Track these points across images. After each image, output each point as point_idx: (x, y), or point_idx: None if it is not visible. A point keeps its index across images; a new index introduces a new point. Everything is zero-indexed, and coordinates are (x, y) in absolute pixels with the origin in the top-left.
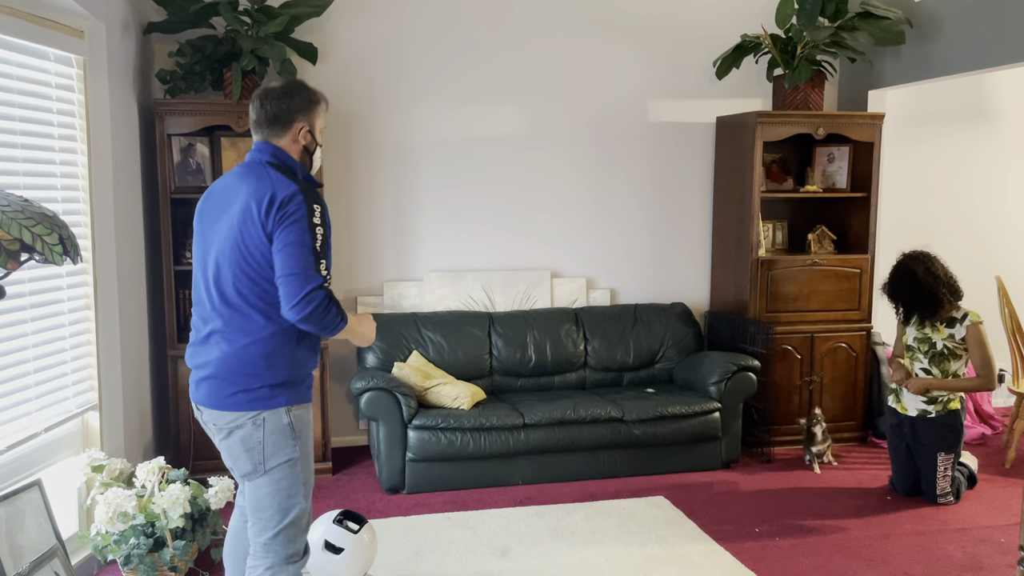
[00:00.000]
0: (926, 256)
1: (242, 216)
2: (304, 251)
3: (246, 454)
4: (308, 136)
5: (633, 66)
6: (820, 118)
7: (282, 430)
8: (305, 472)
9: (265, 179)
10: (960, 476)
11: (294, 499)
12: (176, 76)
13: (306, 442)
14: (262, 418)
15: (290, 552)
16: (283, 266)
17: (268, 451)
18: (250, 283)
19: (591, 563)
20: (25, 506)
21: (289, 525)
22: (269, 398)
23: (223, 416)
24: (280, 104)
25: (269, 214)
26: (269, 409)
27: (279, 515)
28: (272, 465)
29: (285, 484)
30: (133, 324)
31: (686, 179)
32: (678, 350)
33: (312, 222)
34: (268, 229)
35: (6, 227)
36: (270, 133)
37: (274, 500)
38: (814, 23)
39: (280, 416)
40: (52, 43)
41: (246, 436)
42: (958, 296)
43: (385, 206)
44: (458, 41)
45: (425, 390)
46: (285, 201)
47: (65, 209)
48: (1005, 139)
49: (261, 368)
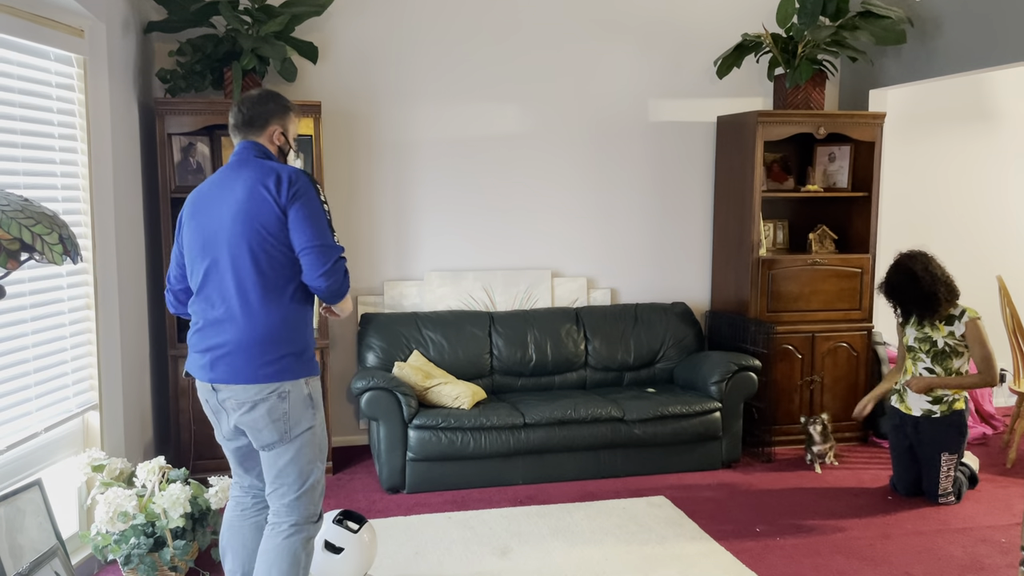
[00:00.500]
0: (923, 255)
1: (250, 198)
2: (322, 224)
3: (272, 424)
4: (282, 138)
5: (634, 65)
6: (821, 117)
7: (303, 400)
8: (322, 440)
9: (265, 165)
10: (962, 476)
11: (313, 463)
12: (176, 75)
13: (320, 411)
14: (286, 390)
15: (312, 512)
16: (307, 237)
17: (292, 421)
18: (268, 259)
19: (591, 563)
20: (25, 506)
21: (310, 488)
22: (293, 369)
23: (247, 390)
24: (256, 108)
25: (280, 189)
26: (292, 380)
27: (301, 479)
28: (296, 434)
29: (306, 451)
30: (133, 324)
31: (687, 178)
32: (679, 350)
33: (320, 199)
34: (282, 203)
35: (6, 226)
36: (248, 132)
37: (296, 466)
38: (815, 22)
39: (301, 387)
40: (52, 42)
41: (272, 407)
42: (955, 295)
43: (386, 205)
44: (459, 40)
45: (425, 390)
46: (293, 179)
47: (65, 208)
48: (1006, 138)
49: (284, 339)
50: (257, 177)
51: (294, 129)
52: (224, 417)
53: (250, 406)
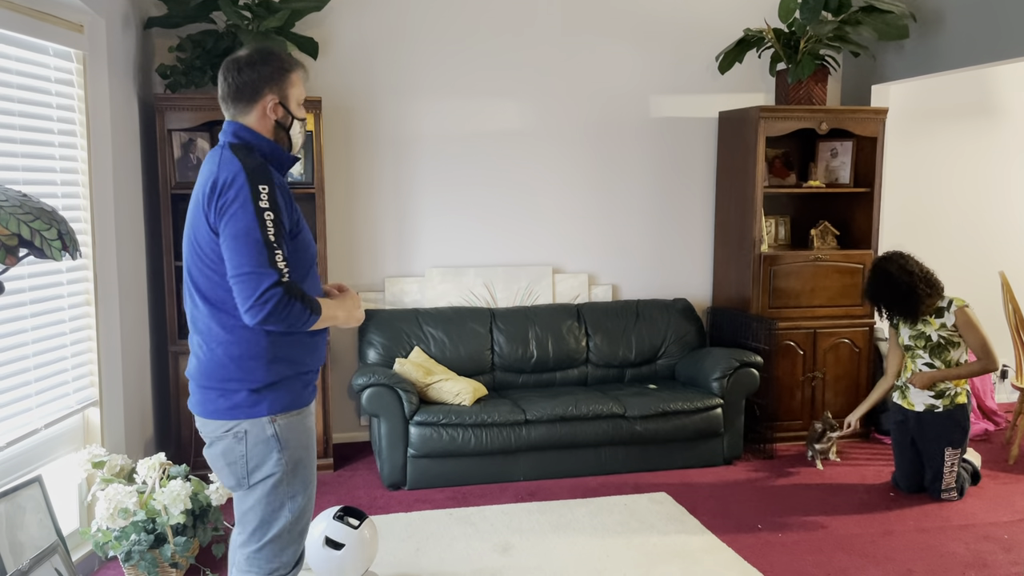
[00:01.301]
0: (898, 255)
1: (193, 208)
2: (252, 243)
3: (227, 468)
4: (280, 109)
5: (635, 61)
6: (823, 113)
7: (265, 442)
8: (298, 481)
9: (215, 163)
10: (964, 472)
11: (279, 512)
12: (176, 71)
13: (298, 449)
14: (243, 430)
15: (274, 567)
16: (232, 265)
17: (251, 465)
18: (207, 281)
19: (593, 559)
20: (25, 502)
21: (273, 539)
22: (250, 406)
23: (207, 424)
24: (243, 76)
25: (211, 203)
26: (250, 419)
27: (263, 529)
28: (255, 480)
29: (270, 499)
30: (133, 320)
31: (688, 174)
32: (680, 346)
33: (259, 206)
34: (211, 221)
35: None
36: (236, 110)
37: (257, 514)
38: (817, 17)
39: (263, 427)
40: (52, 38)
41: (227, 449)
42: (936, 289)
43: (386, 202)
44: (459, 35)
45: (426, 386)
46: (226, 186)
47: (65, 204)
48: (1009, 134)
49: (233, 372)
50: (203, 180)
51: (297, 93)
52: None
53: (208, 443)
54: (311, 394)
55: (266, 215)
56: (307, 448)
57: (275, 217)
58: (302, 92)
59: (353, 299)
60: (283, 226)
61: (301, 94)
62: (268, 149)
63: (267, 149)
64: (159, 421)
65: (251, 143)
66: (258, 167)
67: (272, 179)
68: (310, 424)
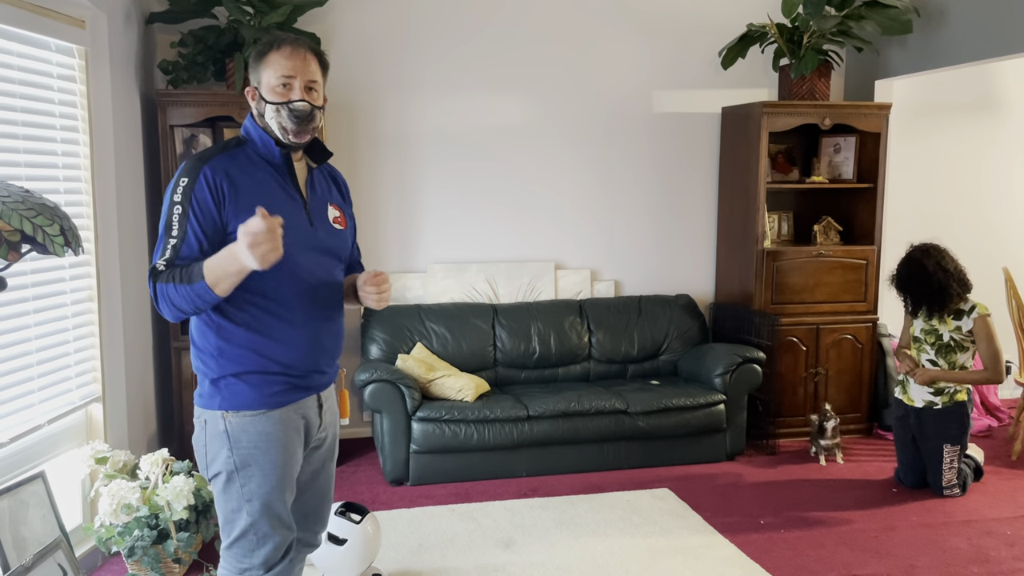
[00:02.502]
0: (936, 249)
1: None
2: (160, 234)
3: (196, 455)
4: (255, 93)
5: (638, 56)
6: (826, 108)
7: (218, 436)
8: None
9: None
10: (966, 468)
11: (239, 513)
12: (178, 67)
13: (249, 451)
14: (203, 419)
15: (244, 566)
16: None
17: (208, 457)
18: None
19: (595, 555)
20: (29, 498)
21: (240, 538)
22: (208, 396)
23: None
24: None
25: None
26: (208, 410)
27: (227, 527)
28: (211, 474)
29: (226, 496)
30: (136, 315)
31: (691, 170)
32: (683, 342)
33: (172, 199)
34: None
35: (7, 218)
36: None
37: (221, 512)
38: (820, 12)
39: (217, 420)
40: (54, 33)
41: (196, 437)
42: (967, 289)
43: (388, 198)
44: (461, 31)
45: (429, 382)
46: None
47: (67, 200)
48: (1013, 129)
49: (196, 362)
50: None
51: (271, 76)
52: None
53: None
54: (285, 397)
55: (175, 209)
56: (264, 451)
57: (183, 211)
58: (279, 70)
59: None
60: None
61: (275, 73)
62: (257, 139)
63: (256, 140)
64: (162, 417)
65: (250, 135)
66: (194, 160)
67: (199, 170)
68: (273, 430)
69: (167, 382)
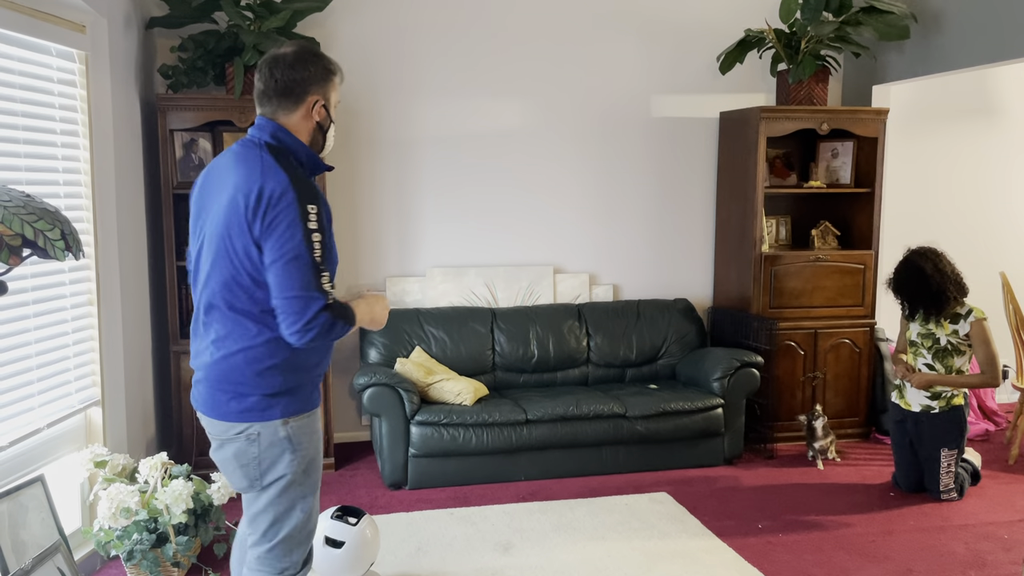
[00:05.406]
0: (934, 253)
1: (229, 210)
2: (301, 267)
3: (240, 470)
4: (323, 112)
5: (636, 61)
6: (824, 113)
7: (279, 444)
8: (310, 481)
9: (256, 166)
10: (963, 472)
11: (291, 512)
12: (178, 71)
13: (309, 450)
14: (256, 432)
15: (284, 566)
16: (280, 286)
17: (264, 467)
18: (238, 287)
19: (594, 559)
20: (28, 502)
21: (285, 539)
22: (263, 409)
23: (216, 425)
24: (293, 73)
25: (256, 214)
26: (263, 421)
27: (275, 529)
28: (268, 481)
29: (282, 499)
30: (136, 319)
31: (689, 174)
32: (681, 346)
33: (307, 228)
34: (256, 234)
35: (8, 222)
36: (279, 107)
37: (270, 515)
38: (818, 18)
39: (275, 430)
40: (54, 38)
41: (239, 451)
42: (964, 293)
43: (387, 201)
44: (460, 35)
45: (428, 386)
46: (274, 199)
47: (67, 204)
48: (1010, 134)
49: (249, 378)
50: (241, 186)
51: (336, 97)
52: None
53: (218, 444)
54: (319, 396)
55: (314, 237)
56: (318, 450)
57: (323, 239)
58: (339, 96)
59: (380, 302)
60: (329, 244)
61: (338, 98)
62: (304, 155)
63: (303, 155)
64: (161, 420)
65: (289, 147)
66: (305, 184)
67: (319, 197)
68: (319, 426)
69: (166, 386)
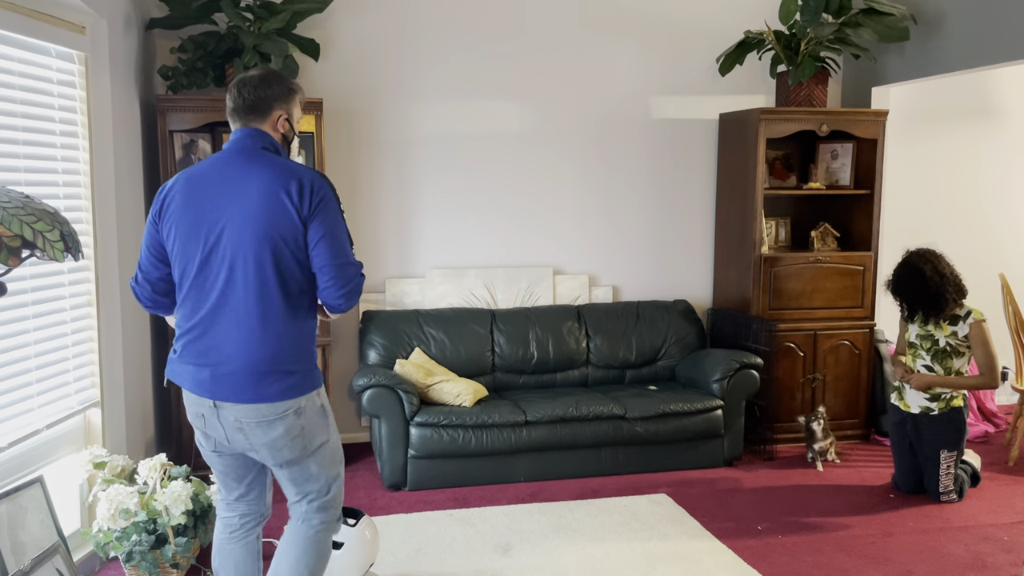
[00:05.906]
0: (933, 254)
1: (268, 204)
2: (343, 239)
3: (292, 443)
4: (286, 124)
5: (636, 62)
6: (824, 115)
7: (318, 412)
8: (337, 445)
9: (282, 165)
10: (963, 474)
11: (336, 468)
12: (178, 72)
13: (332, 418)
14: (301, 406)
15: (338, 513)
16: (329, 255)
17: (309, 436)
18: (287, 272)
19: (593, 560)
20: (27, 503)
21: (336, 495)
22: (304, 384)
23: (258, 410)
24: (258, 92)
25: (304, 200)
26: (307, 394)
27: (326, 485)
28: (314, 447)
29: (326, 461)
30: (135, 321)
31: (689, 176)
32: (680, 347)
33: (339, 209)
34: (304, 214)
35: (7, 223)
36: (249, 119)
37: (321, 475)
38: (818, 19)
39: (314, 400)
40: (54, 39)
41: (290, 426)
42: (963, 295)
43: (387, 203)
44: (460, 37)
45: (427, 387)
46: (315, 187)
47: (67, 206)
48: (1009, 136)
49: (296, 356)
50: (276, 180)
51: (298, 114)
52: (220, 433)
53: (266, 426)
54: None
55: (343, 216)
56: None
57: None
58: (301, 112)
59: None
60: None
61: (300, 114)
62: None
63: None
64: (160, 422)
65: (280, 151)
66: (324, 177)
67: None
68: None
69: (165, 387)
